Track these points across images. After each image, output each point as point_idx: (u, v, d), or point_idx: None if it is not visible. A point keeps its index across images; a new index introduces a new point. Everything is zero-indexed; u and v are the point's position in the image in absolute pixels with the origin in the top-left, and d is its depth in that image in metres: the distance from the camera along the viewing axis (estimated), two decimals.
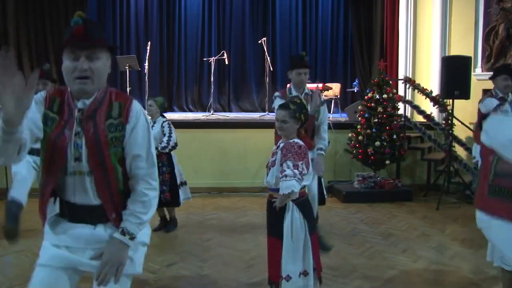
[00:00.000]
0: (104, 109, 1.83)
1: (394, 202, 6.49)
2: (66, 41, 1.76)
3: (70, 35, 1.74)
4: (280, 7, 10.99)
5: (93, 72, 1.77)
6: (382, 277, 3.89)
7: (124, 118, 1.84)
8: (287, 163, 2.70)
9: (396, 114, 6.87)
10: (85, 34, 1.72)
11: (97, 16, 10.08)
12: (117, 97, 1.88)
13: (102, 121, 1.81)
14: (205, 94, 10.52)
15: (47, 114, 1.82)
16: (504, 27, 7.30)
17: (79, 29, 1.72)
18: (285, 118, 2.84)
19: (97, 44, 1.77)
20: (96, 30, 1.77)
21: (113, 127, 1.82)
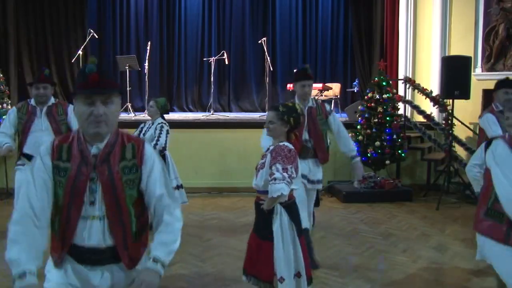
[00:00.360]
0: (117, 151, 1.87)
1: (394, 202, 6.49)
2: (81, 87, 1.80)
3: (85, 82, 1.78)
4: (280, 7, 10.99)
5: (108, 116, 1.80)
6: (382, 277, 3.89)
7: (138, 160, 1.88)
8: (276, 166, 2.70)
9: (396, 114, 6.87)
10: (100, 81, 1.78)
11: (97, 16, 10.09)
12: (129, 139, 1.92)
13: (116, 163, 1.85)
14: (205, 94, 10.52)
15: (58, 164, 1.84)
16: (504, 27, 7.30)
17: (94, 77, 1.77)
18: (272, 119, 2.86)
19: (113, 90, 1.83)
20: (109, 76, 1.84)
21: (127, 169, 1.86)
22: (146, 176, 1.88)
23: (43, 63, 9.18)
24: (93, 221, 1.82)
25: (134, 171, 1.87)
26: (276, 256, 2.77)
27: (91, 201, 1.82)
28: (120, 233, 1.84)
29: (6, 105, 6.97)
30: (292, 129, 2.90)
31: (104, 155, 1.84)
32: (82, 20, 9.39)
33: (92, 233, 1.82)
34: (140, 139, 1.97)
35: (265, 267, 2.83)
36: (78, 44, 8.95)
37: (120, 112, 1.95)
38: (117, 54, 9.83)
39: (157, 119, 4.95)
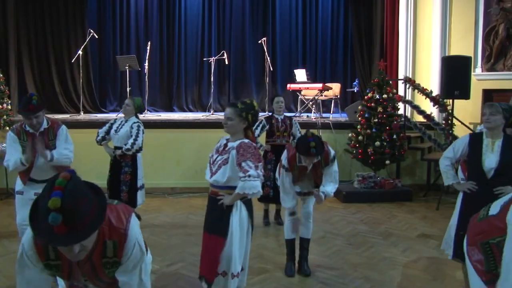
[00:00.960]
0: (99, 249, 1.80)
1: (394, 202, 6.49)
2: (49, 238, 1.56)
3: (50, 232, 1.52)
4: (280, 7, 10.99)
5: (87, 247, 1.70)
6: (382, 277, 3.89)
7: (119, 257, 1.85)
8: (247, 163, 2.72)
9: (396, 114, 6.87)
10: (68, 230, 1.52)
11: (97, 16, 10.09)
12: (111, 235, 1.80)
13: (98, 260, 1.83)
14: (205, 94, 10.52)
15: (49, 264, 1.81)
16: (504, 27, 7.30)
17: (61, 229, 1.51)
18: (230, 115, 2.86)
19: (84, 237, 1.60)
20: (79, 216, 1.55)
21: (109, 265, 1.86)
22: (124, 264, 1.88)
23: (43, 63, 9.19)
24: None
25: (116, 266, 1.88)
26: (230, 251, 2.82)
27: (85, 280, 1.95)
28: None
29: (6, 105, 6.97)
30: (250, 126, 2.92)
31: (86, 258, 1.81)
32: (82, 20, 9.39)
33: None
34: (123, 232, 1.81)
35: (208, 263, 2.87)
36: (78, 44, 8.95)
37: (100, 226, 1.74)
38: (117, 54, 9.83)
39: (131, 118, 4.89)
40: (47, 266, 1.81)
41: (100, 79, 10.08)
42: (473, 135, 3.38)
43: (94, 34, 8.22)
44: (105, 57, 10.16)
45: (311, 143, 3.45)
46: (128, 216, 1.86)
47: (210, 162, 2.95)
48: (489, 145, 3.18)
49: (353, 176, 6.99)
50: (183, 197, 6.70)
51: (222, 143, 2.95)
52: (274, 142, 5.28)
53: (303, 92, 8.99)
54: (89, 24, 9.28)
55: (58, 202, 1.48)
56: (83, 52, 8.17)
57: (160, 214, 5.72)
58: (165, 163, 6.98)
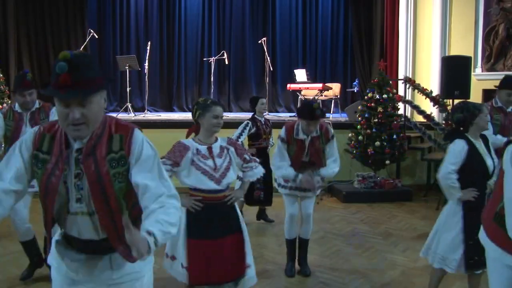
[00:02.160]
0: (104, 143, 1.70)
1: (394, 202, 6.49)
2: (53, 88, 1.59)
3: (56, 82, 1.56)
4: (280, 7, 11.00)
5: (88, 117, 1.62)
6: (382, 277, 3.89)
7: (126, 151, 1.70)
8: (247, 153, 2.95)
9: (396, 114, 6.87)
10: (72, 82, 1.55)
11: (97, 16, 10.09)
12: (117, 129, 1.73)
13: (103, 157, 1.69)
14: (205, 94, 10.50)
15: (37, 155, 1.71)
16: (504, 27, 7.30)
17: (65, 78, 1.54)
18: (222, 114, 2.91)
19: (87, 91, 1.60)
20: (85, 71, 1.58)
21: (115, 162, 1.69)
22: (133, 165, 1.71)
23: (43, 63, 9.19)
24: (82, 217, 1.72)
25: (122, 163, 1.70)
26: (248, 244, 2.88)
27: (78, 198, 1.70)
28: (112, 226, 1.71)
29: (6, 105, 6.98)
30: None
31: (89, 149, 1.68)
32: (82, 20, 9.40)
33: (83, 229, 1.74)
34: (129, 126, 1.76)
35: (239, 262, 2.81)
36: (78, 44, 8.95)
37: (104, 103, 1.72)
38: (117, 54, 9.83)
39: None
40: (35, 157, 1.70)
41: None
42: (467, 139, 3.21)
43: (94, 34, 8.22)
44: (105, 57, 10.16)
45: (314, 105, 3.50)
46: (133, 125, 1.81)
47: (207, 170, 2.78)
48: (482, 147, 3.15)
49: (353, 176, 6.99)
50: None
51: (202, 147, 2.82)
52: (260, 145, 5.11)
53: (303, 92, 8.99)
54: (89, 24, 9.29)
55: (68, 54, 1.56)
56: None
57: None
58: None
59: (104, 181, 1.68)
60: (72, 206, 1.72)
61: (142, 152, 1.72)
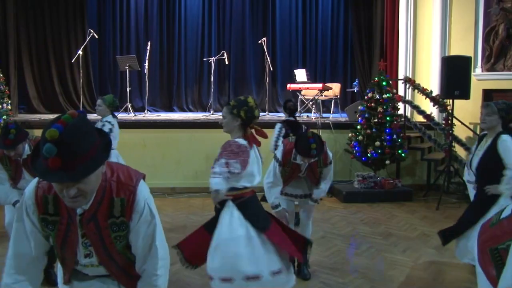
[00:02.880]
0: (104, 207, 1.65)
1: (394, 202, 6.49)
2: (42, 172, 1.43)
3: (45, 165, 1.41)
4: (280, 7, 10.99)
5: (85, 191, 1.53)
6: (382, 277, 3.89)
7: (127, 217, 1.68)
8: (220, 160, 2.72)
9: (396, 114, 6.87)
10: (63, 165, 1.39)
11: (97, 16, 10.09)
12: (119, 191, 1.65)
13: (104, 220, 1.66)
14: (205, 94, 10.52)
15: (46, 218, 1.66)
16: (504, 27, 7.30)
17: (54, 162, 1.38)
18: (223, 114, 2.86)
19: (80, 175, 1.44)
20: (77, 151, 1.41)
21: (116, 226, 1.68)
22: (134, 226, 1.72)
23: (43, 63, 9.19)
24: (92, 268, 1.79)
25: (123, 228, 1.69)
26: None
27: (86, 254, 1.74)
28: (119, 271, 1.81)
29: (6, 105, 6.97)
30: (246, 123, 2.85)
31: (90, 215, 1.65)
32: (82, 20, 9.40)
33: (93, 272, 1.81)
34: (131, 186, 1.68)
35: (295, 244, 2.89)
36: (78, 44, 8.95)
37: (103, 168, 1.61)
38: (117, 54, 9.83)
39: (107, 117, 4.69)
40: (44, 220, 1.64)
41: (100, 79, 10.08)
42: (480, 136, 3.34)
43: (94, 34, 8.22)
44: (105, 57, 10.16)
45: (312, 144, 3.36)
46: (138, 176, 1.73)
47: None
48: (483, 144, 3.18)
49: (353, 176, 6.99)
50: (183, 197, 6.69)
51: None
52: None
53: (303, 92, 8.99)
54: (89, 24, 9.29)
55: (56, 134, 1.36)
56: (83, 52, 8.17)
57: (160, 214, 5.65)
58: (165, 163, 6.98)
59: (106, 243, 1.71)
60: (81, 260, 1.77)
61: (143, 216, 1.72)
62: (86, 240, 1.70)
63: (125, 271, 1.80)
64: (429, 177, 7.39)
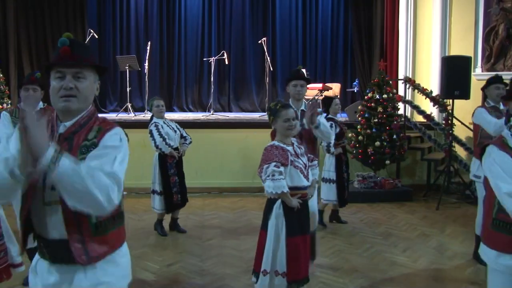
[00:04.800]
0: (83, 132, 1.75)
1: (394, 202, 6.49)
2: (53, 60, 1.77)
3: (57, 55, 1.75)
4: (280, 7, 10.99)
5: (79, 90, 1.73)
6: (382, 277, 3.89)
7: (98, 139, 1.73)
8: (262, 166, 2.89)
9: (396, 114, 6.87)
10: (71, 53, 1.74)
11: (97, 16, 10.09)
12: (100, 123, 1.79)
13: (78, 144, 1.71)
14: (205, 94, 10.52)
15: None
16: (504, 27, 7.30)
17: (65, 49, 1.75)
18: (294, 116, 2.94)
19: (83, 63, 1.76)
20: (83, 51, 1.79)
21: (85, 148, 1.71)
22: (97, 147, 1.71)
23: (43, 63, 9.18)
24: (55, 206, 1.67)
25: (91, 150, 1.69)
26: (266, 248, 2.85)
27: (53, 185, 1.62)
28: (74, 222, 1.67)
29: (6, 105, 6.98)
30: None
31: (68, 133, 1.73)
32: (82, 20, 9.40)
33: (54, 221, 1.69)
34: (114, 125, 1.79)
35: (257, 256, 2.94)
36: None
37: (97, 91, 1.85)
38: (117, 54, 9.83)
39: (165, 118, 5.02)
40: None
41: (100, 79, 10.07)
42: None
43: (94, 34, 8.22)
44: (105, 57, 10.16)
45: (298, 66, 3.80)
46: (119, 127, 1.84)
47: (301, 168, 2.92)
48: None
49: (353, 176, 6.98)
50: None
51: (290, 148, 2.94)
52: (343, 143, 5.35)
53: None
54: (89, 24, 9.29)
55: (70, 35, 1.79)
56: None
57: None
58: None
59: None
60: (47, 194, 1.68)
61: (105, 140, 1.71)
62: (52, 166, 1.57)
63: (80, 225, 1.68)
64: (429, 177, 7.39)
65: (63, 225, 1.68)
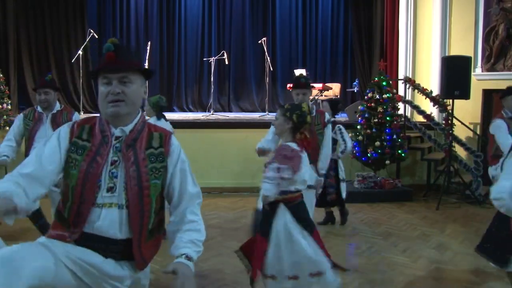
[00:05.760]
0: (144, 138, 1.81)
1: (394, 202, 6.49)
2: (99, 67, 1.79)
3: (102, 61, 1.77)
4: (280, 7, 11.00)
5: (126, 95, 1.75)
6: (382, 277, 3.89)
7: (165, 149, 1.83)
8: (273, 164, 2.76)
9: (396, 114, 6.87)
10: (116, 58, 1.75)
11: (97, 16, 10.09)
12: (157, 129, 1.88)
13: (142, 150, 1.78)
14: (205, 94, 10.52)
15: (76, 142, 1.76)
16: (504, 27, 7.30)
17: (110, 55, 1.75)
18: (276, 115, 2.97)
19: (128, 68, 1.77)
20: (127, 55, 1.79)
21: (154, 157, 1.80)
22: (172, 167, 1.83)
23: (43, 63, 9.19)
24: (109, 209, 1.71)
25: (161, 160, 1.80)
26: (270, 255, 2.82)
27: (110, 187, 1.71)
28: (138, 226, 1.74)
29: (6, 105, 6.97)
30: (297, 127, 2.91)
31: (130, 140, 1.78)
32: (82, 20, 9.40)
33: (107, 223, 1.71)
34: (168, 131, 1.91)
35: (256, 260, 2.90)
36: (78, 44, 8.95)
37: (144, 95, 1.91)
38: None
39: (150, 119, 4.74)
40: (74, 144, 1.75)
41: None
42: None
43: (94, 34, 8.22)
44: None
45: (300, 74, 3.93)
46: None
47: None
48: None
49: (353, 176, 6.99)
50: None
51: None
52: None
53: None
54: (89, 24, 9.29)
55: (115, 40, 1.78)
56: (83, 52, 8.18)
57: None
58: None
59: (141, 173, 1.74)
60: (101, 196, 1.71)
61: (180, 155, 1.86)
62: (113, 169, 1.73)
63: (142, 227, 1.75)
64: (429, 177, 7.39)
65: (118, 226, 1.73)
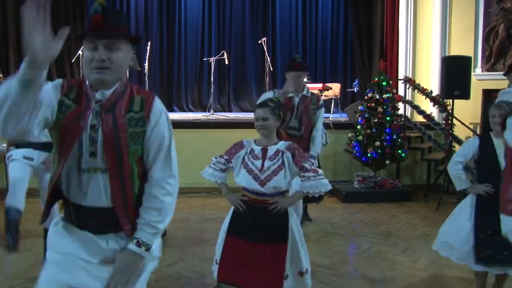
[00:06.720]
0: (124, 102, 1.73)
1: (394, 202, 6.49)
2: (85, 29, 1.70)
3: (89, 23, 1.68)
4: (280, 7, 11.00)
5: (112, 62, 1.66)
6: (382, 277, 3.89)
7: (146, 112, 1.73)
8: (310, 161, 2.71)
9: (396, 114, 6.87)
10: (103, 22, 1.65)
11: None
12: (139, 92, 1.79)
13: (122, 115, 1.70)
14: (205, 94, 10.53)
15: (63, 100, 1.68)
16: (504, 27, 7.30)
17: (97, 17, 1.65)
18: (266, 116, 2.77)
19: (116, 33, 1.67)
20: (116, 19, 1.69)
21: (134, 122, 1.71)
22: (150, 132, 1.73)
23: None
24: (94, 174, 1.67)
25: (141, 124, 1.72)
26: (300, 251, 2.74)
27: (92, 152, 1.66)
28: (121, 191, 1.69)
29: None
30: (282, 124, 2.92)
31: (110, 104, 1.70)
32: (82, 20, 9.40)
33: (92, 189, 1.68)
34: (151, 93, 1.81)
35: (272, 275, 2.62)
36: (78, 44, 8.94)
37: (131, 61, 1.80)
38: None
39: None
40: (61, 102, 1.67)
41: None
42: (482, 137, 3.36)
43: None
44: None
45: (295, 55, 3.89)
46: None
47: (252, 170, 2.76)
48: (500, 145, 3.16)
49: (353, 176, 6.99)
50: (183, 197, 6.68)
51: (257, 148, 2.81)
52: None
53: None
54: None
55: (103, 2, 1.68)
56: (83, 52, 8.17)
57: None
58: None
59: (120, 138, 1.68)
60: (85, 160, 1.68)
61: (160, 120, 1.76)
62: (94, 133, 1.67)
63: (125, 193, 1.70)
64: (429, 177, 7.39)
65: (102, 192, 1.69)
